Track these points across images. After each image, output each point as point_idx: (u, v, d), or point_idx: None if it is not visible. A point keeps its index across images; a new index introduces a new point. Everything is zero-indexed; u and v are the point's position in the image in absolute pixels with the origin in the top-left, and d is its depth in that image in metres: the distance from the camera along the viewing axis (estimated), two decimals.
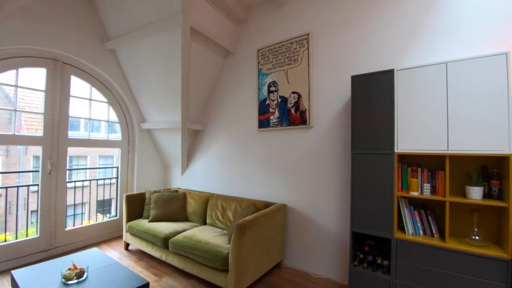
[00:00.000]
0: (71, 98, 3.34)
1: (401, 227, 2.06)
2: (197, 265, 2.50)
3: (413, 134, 1.95)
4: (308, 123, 2.79)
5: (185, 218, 3.44)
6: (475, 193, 1.78)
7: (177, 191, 3.74)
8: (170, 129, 3.77)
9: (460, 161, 1.97)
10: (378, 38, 2.46)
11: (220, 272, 2.32)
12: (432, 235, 1.95)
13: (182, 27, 2.86)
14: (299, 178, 2.90)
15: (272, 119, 3.09)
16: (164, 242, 2.77)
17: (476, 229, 1.82)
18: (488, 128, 1.70)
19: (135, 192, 3.98)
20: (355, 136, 2.18)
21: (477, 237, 1.79)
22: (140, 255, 3.22)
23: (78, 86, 3.55)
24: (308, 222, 2.81)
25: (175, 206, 3.39)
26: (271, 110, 3.11)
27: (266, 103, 3.16)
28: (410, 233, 1.99)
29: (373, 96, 2.12)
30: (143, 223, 3.14)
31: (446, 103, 1.83)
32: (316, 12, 2.84)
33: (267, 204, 2.87)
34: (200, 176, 3.91)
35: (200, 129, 3.91)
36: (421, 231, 1.99)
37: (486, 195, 1.83)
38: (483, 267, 1.68)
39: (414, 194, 1.98)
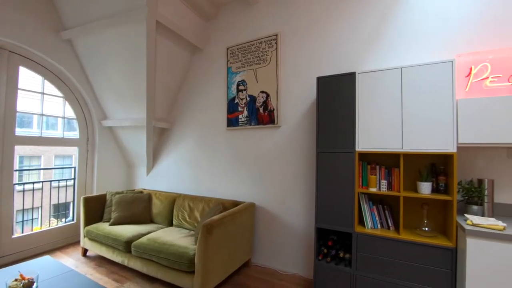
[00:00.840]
0: (19, 91, 3.02)
1: (361, 222, 2.18)
2: (162, 268, 2.41)
3: (373, 133, 2.07)
4: (276, 122, 2.83)
5: (150, 220, 3.30)
6: (425, 188, 1.94)
7: (141, 192, 3.57)
8: (135, 127, 3.58)
9: (413, 159, 2.14)
10: (342, 42, 2.57)
11: (186, 274, 2.26)
12: (389, 228, 2.09)
13: (147, 20, 2.74)
14: (267, 176, 2.93)
15: (241, 118, 3.08)
16: (126, 245, 2.63)
17: (426, 221, 1.98)
18: (436, 129, 1.86)
19: (95, 194, 3.71)
20: (320, 135, 2.26)
21: (426, 228, 1.96)
22: (100, 261, 3.01)
23: (28, 78, 3.23)
24: (276, 220, 2.86)
25: (139, 207, 3.23)
26: (240, 109, 3.10)
27: (235, 102, 3.14)
28: (369, 227, 2.11)
29: (336, 97, 2.21)
30: (103, 227, 2.94)
31: (401, 105, 1.97)
32: (285, 14, 2.89)
33: (236, 203, 2.86)
34: (167, 176, 3.77)
35: (167, 127, 3.78)
36: (379, 225, 2.12)
37: (434, 190, 2.01)
38: (432, 256, 1.83)
39: (373, 190, 2.10)
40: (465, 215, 1.83)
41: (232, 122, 3.15)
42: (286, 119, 2.83)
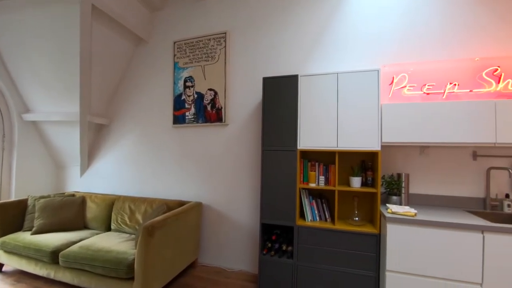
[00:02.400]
0: None
1: (302, 215, 2.33)
2: (96, 278, 2.20)
3: (312, 133, 2.22)
4: (223, 120, 2.83)
5: (83, 226, 2.97)
6: (356, 182, 2.16)
7: (73, 195, 3.19)
8: (66, 122, 3.19)
9: (346, 156, 2.37)
10: (287, 45, 2.70)
11: (124, 281, 2.11)
12: (326, 220, 2.28)
13: (82, 2, 2.46)
14: (215, 175, 2.91)
15: (188, 115, 2.99)
16: (53, 256, 2.33)
17: (356, 212, 2.22)
18: (365, 129, 2.09)
19: (13, 199, 3.19)
20: (265, 134, 2.34)
21: (357, 218, 2.19)
22: (19, 276, 2.61)
23: None
24: (223, 218, 2.86)
25: (70, 212, 2.88)
26: (187, 106, 3.01)
27: (182, 98, 3.04)
28: (309, 220, 2.27)
29: (281, 98, 2.31)
30: (23, 237, 2.55)
31: (336, 107, 2.16)
32: (234, 13, 2.91)
33: (181, 203, 2.77)
34: (105, 177, 3.45)
35: (105, 124, 3.45)
36: (318, 217, 2.29)
37: (364, 183, 2.26)
38: (361, 242, 2.06)
39: (312, 185, 2.26)
40: (387, 204, 2.10)
41: (179, 119, 3.04)
42: (233, 117, 2.85)
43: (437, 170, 2.24)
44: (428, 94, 2.25)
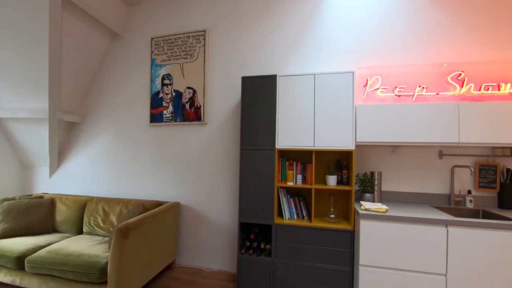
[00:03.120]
0: None
1: (281, 214, 2.36)
2: (66, 283, 2.10)
3: (291, 132, 2.26)
4: (202, 119, 2.80)
5: (52, 230, 2.82)
6: (332, 181, 2.23)
7: (41, 197, 3.02)
8: (33, 120, 3.00)
9: (323, 155, 2.44)
10: (266, 45, 2.72)
11: (97, 286, 2.03)
12: (303, 218, 2.32)
13: None
14: (193, 174, 2.87)
15: (165, 114, 2.93)
16: (18, 262, 2.19)
17: (332, 209, 2.28)
18: (341, 129, 2.16)
19: None
20: (244, 133, 2.34)
21: (332, 215, 2.25)
22: None
23: None
24: (202, 218, 2.83)
25: (37, 215, 2.72)
26: (164, 104, 2.94)
27: (160, 96, 2.96)
28: (287, 218, 2.30)
29: (259, 97, 2.32)
30: None
31: (313, 107, 2.21)
32: (214, 11, 2.88)
33: (159, 204, 2.71)
34: (77, 178, 3.29)
35: (77, 122, 3.29)
36: (295, 215, 2.33)
37: (339, 181, 2.33)
38: (337, 238, 2.12)
39: (290, 184, 2.30)
40: (361, 202, 2.18)
41: (156, 117, 2.96)
42: (212, 116, 2.82)
43: (407, 169, 2.36)
44: (399, 96, 2.36)
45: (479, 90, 2.21)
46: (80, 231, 2.81)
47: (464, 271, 1.75)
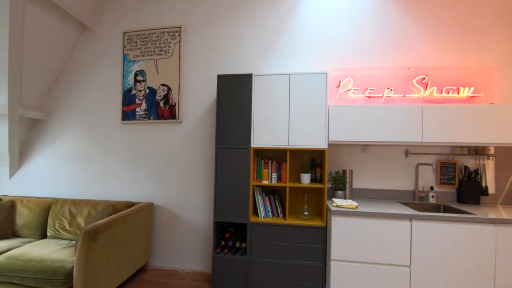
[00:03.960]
0: None
1: (256, 212, 2.37)
2: None
3: (266, 131, 2.27)
4: (177, 117, 2.74)
5: (12, 234, 2.62)
6: (306, 179, 2.28)
7: (0, 199, 2.79)
8: None
9: (297, 154, 2.48)
10: (243, 44, 2.72)
11: None
12: (278, 215, 2.35)
13: None
14: (168, 174, 2.80)
15: (138, 111, 2.83)
16: None
17: (306, 206, 2.34)
18: (314, 128, 2.21)
19: None
20: (219, 132, 2.32)
21: (306, 213, 2.30)
22: None
23: None
24: (177, 218, 2.77)
25: None
26: (137, 101, 2.84)
27: (132, 93, 2.86)
28: (262, 216, 2.32)
29: (235, 96, 2.32)
30: None
31: (288, 107, 2.25)
32: (190, 7, 2.83)
33: (130, 204, 2.61)
34: (40, 178, 3.08)
35: (41, 118, 3.07)
36: (270, 213, 2.35)
37: (313, 179, 2.39)
38: (310, 235, 2.17)
39: (265, 182, 2.32)
40: (333, 199, 2.25)
41: (128, 115, 2.85)
42: (188, 114, 2.77)
43: (376, 166, 2.47)
44: (369, 97, 2.46)
45: (441, 93, 2.37)
46: (44, 235, 2.63)
47: (426, 261, 1.87)
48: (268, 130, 2.27)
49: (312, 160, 2.44)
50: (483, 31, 2.40)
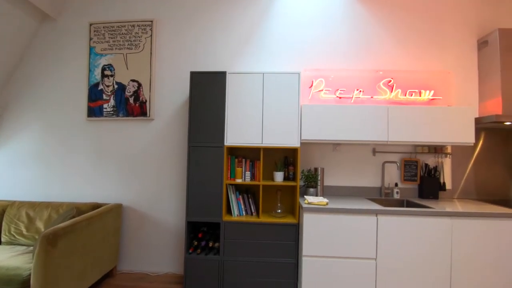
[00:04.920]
0: None
1: (229, 211, 2.35)
2: None
3: (240, 129, 2.27)
4: (148, 115, 2.64)
5: None
6: (279, 177, 2.31)
7: None
8: None
9: (271, 152, 2.51)
10: (217, 41, 2.68)
11: None
12: (252, 214, 2.36)
13: None
14: (137, 174, 2.69)
15: (106, 108, 2.69)
16: None
17: (279, 204, 2.37)
18: (287, 127, 2.24)
19: None
20: (192, 130, 2.28)
21: (279, 210, 2.33)
22: None
23: None
24: (147, 219, 2.67)
25: None
26: (105, 97, 2.69)
27: (99, 88, 2.70)
28: (236, 215, 2.31)
29: (208, 94, 2.28)
30: None
31: (262, 105, 2.26)
32: (163, 1, 2.73)
33: (97, 206, 2.48)
34: None
35: None
36: (244, 212, 2.35)
37: (286, 178, 2.42)
38: (283, 232, 2.20)
39: (239, 181, 2.31)
40: (305, 196, 2.30)
41: (95, 111, 2.70)
42: (159, 112, 2.68)
43: (346, 165, 2.57)
44: (340, 98, 2.55)
45: (405, 95, 2.52)
46: None
47: (390, 254, 1.98)
48: (242, 129, 2.26)
49: (285, 158, 2.47)
50: (442, 39, 2.58)
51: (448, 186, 2.51)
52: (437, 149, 2.50)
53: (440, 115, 2.24)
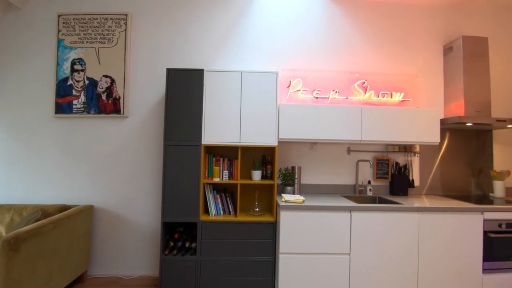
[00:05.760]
0: None
1: (207, 211, 2.33)
2: None
3: (217, 128, 2.24)
4: (122, 112, 2.54)
5: None
6: (257, 176, 2.32)
7: None
8: None
9: (249, 151, 2.51)
10: (195, 37, 2.64)
11: None
12: (229, 213, 2.34)
13: None
14: (111, 173, 2.57)
15: (76, 104, 2.55)
16: None
17: (257, 203, 2.38)
18: (265, 126, 2.25)
19: None
20: (168, 128, 2.22)
21: (257, 209, 2.35)
22: None
23: None
24: (121, 221, 2.57)
25: None
26: (75, 93, 2.55)
27: (68, 83, 2.56)
28: (213, 214, 2.29)
29: (185, 91, 2.24)
30: None
31: (240, 104, 2.25)
32: None
33: (65, 208, 2.34)
34: None
35: None
36: (221, 211, 2.33)
37: (264, 176, 2.44)
38: (261, 230, 2.21)
39: (217, 180, 2.29)
40: (282, 194, 2.32)
41: (64, 108, 2.55)
42: (134, 109, 2.59)
43: (322, 163, 2.64)
44: (317, 98, 2.61)
45: (378, 96, 2.63)
46: None
47: (363, 248, 2.06)
48: (219, 127, 2.24)
49: (263, 157, 2.49)
50: (413, 44, 2.73)
51: (417, 183, 2.66)
52: (406, 148, 2.64)
53: (409, 116, 2.36)
